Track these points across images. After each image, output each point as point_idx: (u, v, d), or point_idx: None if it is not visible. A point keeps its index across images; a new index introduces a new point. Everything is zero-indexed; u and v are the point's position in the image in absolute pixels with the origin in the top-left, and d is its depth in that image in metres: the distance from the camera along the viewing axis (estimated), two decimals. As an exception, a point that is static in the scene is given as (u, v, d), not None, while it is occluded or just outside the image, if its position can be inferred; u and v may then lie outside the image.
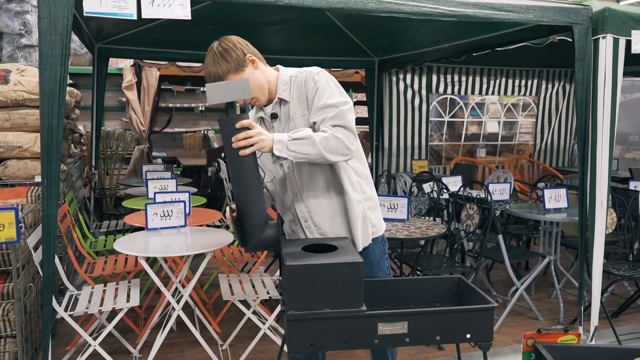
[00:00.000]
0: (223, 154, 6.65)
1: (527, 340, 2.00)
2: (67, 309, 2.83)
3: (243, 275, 3.44)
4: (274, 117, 2.01)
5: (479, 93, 6.94)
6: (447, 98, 6.94)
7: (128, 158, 7.22)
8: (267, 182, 2.11)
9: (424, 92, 6.61)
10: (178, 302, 2.97)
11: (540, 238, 4.17)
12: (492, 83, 6.92)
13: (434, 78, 6.62)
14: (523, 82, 7.06)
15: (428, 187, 4.44)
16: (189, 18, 2.50)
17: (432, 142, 7.01)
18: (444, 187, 4.49)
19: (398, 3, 2.87)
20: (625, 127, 8.23)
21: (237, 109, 9.31)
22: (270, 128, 2.04)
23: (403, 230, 3.33)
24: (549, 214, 3.88)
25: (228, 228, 4.64)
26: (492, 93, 6.98)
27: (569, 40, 3.45)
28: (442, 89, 6.72)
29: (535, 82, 7.12)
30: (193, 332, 3.01)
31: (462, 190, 4.13)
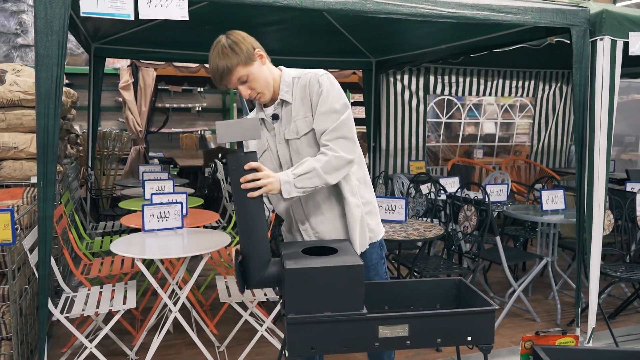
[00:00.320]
0: (220, 155, 6.63)
1: (525, 343, 2.00)
2: (63, 311, 2.81)
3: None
4: (275, 118, 1.99)
5: (476, 94, 6.94)
6: (444, 99, 6.94)
7: (124, 158, 7.19)
8: None
9: (421, 93, 6.61)
10: (175, 304, 2.95)
11: (538, 239, 4.17)
12: (489, 84, 6.93)
13: (432, 79, 6.62)
14: (520, 83, 7.08)
15: (426, 188, 4.44)
16: (187, 19, 2.49)
17: (429, 143, 7.01)
18: (442, 188, 4.49)
19: (396, 4, 2.87)
20: (622, 128, 8.26)
21: (233, 110, 9.29)
22: (271, 129, 2.02)
23: (401, 232, 3.32)
24: (547, 216, 3.88)
25: (225, 229, 4.62)
26: (489, 94, 6.99)
27: (566, 42, 3.46)
28: (439, 90, 6.72)
29: (532, 83, 7.13)
30: (190, 334, 2.99)
31: (459, 192, 4.12)
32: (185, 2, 2.48)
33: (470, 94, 6.92)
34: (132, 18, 2.43)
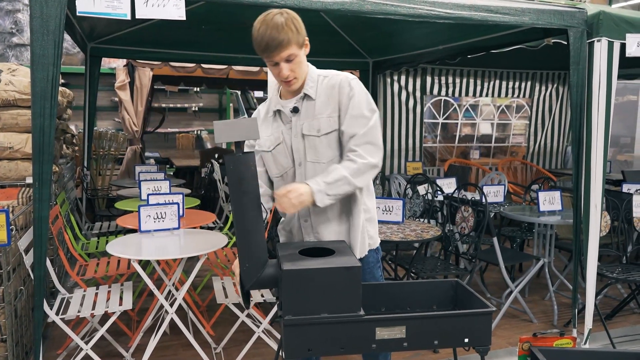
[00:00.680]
0: (217, 155, 6.61)
1: (523, 344, 2.00)
2: (58, 313, 2.80)
3: (236, 278, 3.40)
4: (295, 111, 1.99)
5: (473, 95, 6.95)
6: (441, 100, 6.95)
7: (120, 158, 7.16)
8: (275, 176, 2.08)
9: (418, 93, 6.62)
10: (171, 305, 2.94)
11: (535, 240, 4.18)
12: (485, 85, 6.94)
13: (428, 80, 6.63)
14: (516, 84, 7.09)
15: (422, 189, 4.44)
16: (184, 19, 2.47)
17: (426, 143, 7.02)
18: (439, 189, 4.49)
19: (394, 5, 2.86)
20: (617, 129, 8.29)
21: (230, 110, 9.27)
22: (287, 122, 2.01)
23: (398, 233, 3.32)
24: (544, 217, 3.88)
25: (221, 230, 4.61)
26: (485, 95, 7.00)
27: (563, 43, 3.46)
28: (436, 91, 6.72)
29: (529, 84, 7.15)
30: (186, 335, 2.98)
31: (456, 193, 4.12)
32: (183, 1, 2.47)
33: (467, 95, 6.93)
34: (128, 18, 2.42)
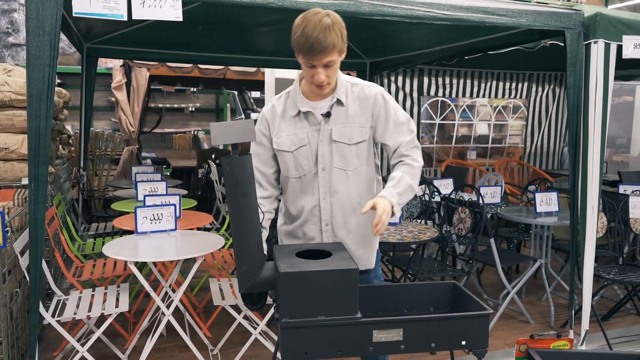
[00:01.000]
0: (214, 156, 6.60)
1: (520, 346, 2.00)
2: (54, 315, 2.78)
3: (234, 279, 3.40)
4: (328, 115, 1.99)
5: (470, 96, 6.96)
6: (438, 100, 6.96)
7: (117, 159, 7.14)
8: (293, 177, 2.05)
9: (415, 94, 6.62)
10: (168, 306, 2.93)
11: (531, 241, 4.18)
12: (482, 86, 6.94)
13: (425, 80, 6.63)
14: (513, 85, 7.10)
15: (420, 190, 4.44)
16: (181, 19, 2.46)
17: (423, 144, 7.02)
18: (436, 189, 4.49)
19: (392, 6, 2.86)
20: (614, 130, 8.30)
21: (227, 111, 9.26)
22: (314, 124, 2.00)
23: (395, 234, 3.32)
24: (540, 218, 3.89)
25: (218, 231, 4.60)
26: (482, 96, 7.01)
27: (559, 44, 3.46)
28: (433, 92, 6.73)
29: (526, 85, 7.16)
30: (183, 336, 2.97)
31: (454, 194, 4.13)
32: (179, 2, 2.46)
33: (464, 96, 6.93)
34: (125, 18, 2.40)
